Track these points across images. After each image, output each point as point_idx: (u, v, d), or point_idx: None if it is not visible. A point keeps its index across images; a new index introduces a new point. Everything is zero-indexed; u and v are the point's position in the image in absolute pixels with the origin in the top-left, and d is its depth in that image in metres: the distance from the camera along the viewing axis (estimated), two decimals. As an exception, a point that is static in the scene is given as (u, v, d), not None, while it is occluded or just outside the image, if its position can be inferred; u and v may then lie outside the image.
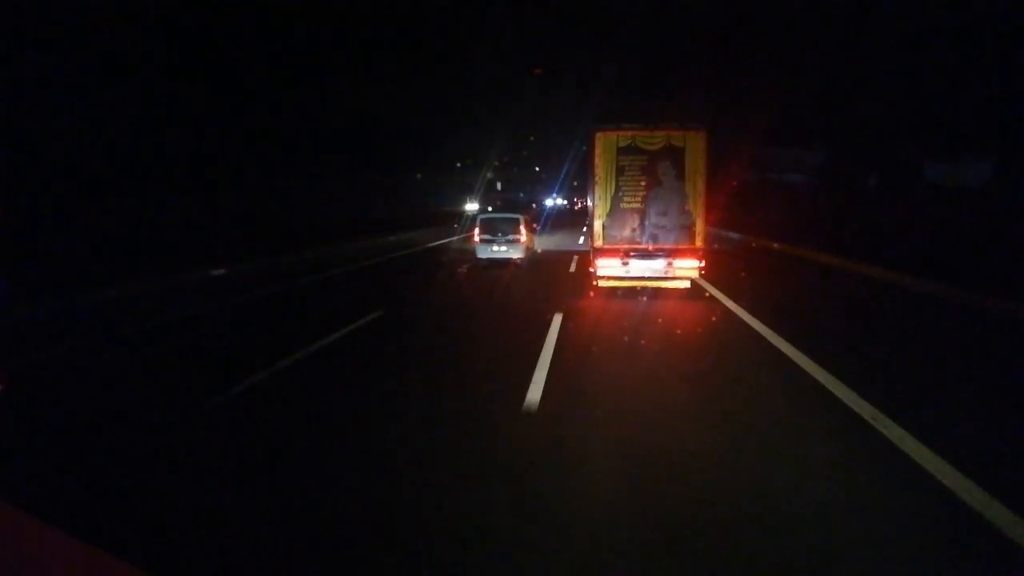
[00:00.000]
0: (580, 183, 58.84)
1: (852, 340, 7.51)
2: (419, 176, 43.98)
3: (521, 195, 61.69)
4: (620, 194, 9.94)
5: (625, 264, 9.99)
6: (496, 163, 59.48)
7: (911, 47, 19.16)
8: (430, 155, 43.62)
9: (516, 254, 16.04)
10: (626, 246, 10.00)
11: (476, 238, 16.47)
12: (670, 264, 9.89)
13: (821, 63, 21.76)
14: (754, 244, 19.24)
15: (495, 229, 16.22)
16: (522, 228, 16.15)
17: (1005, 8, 16.32)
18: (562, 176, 52.19)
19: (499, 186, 61.70)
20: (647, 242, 9.94)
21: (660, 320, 8.81)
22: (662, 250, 9.90)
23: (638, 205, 9.93)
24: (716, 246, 13.68)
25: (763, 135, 24.78)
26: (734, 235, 20.72)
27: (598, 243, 10.13)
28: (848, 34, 20.68)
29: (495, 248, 16.08)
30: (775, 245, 17.19)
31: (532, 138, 54.76)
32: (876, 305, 10.11)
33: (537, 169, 62.04)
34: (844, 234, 15.68)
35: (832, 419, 4.70)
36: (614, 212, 9.99)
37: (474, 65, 42.35)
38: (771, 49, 23.22)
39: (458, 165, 53.40)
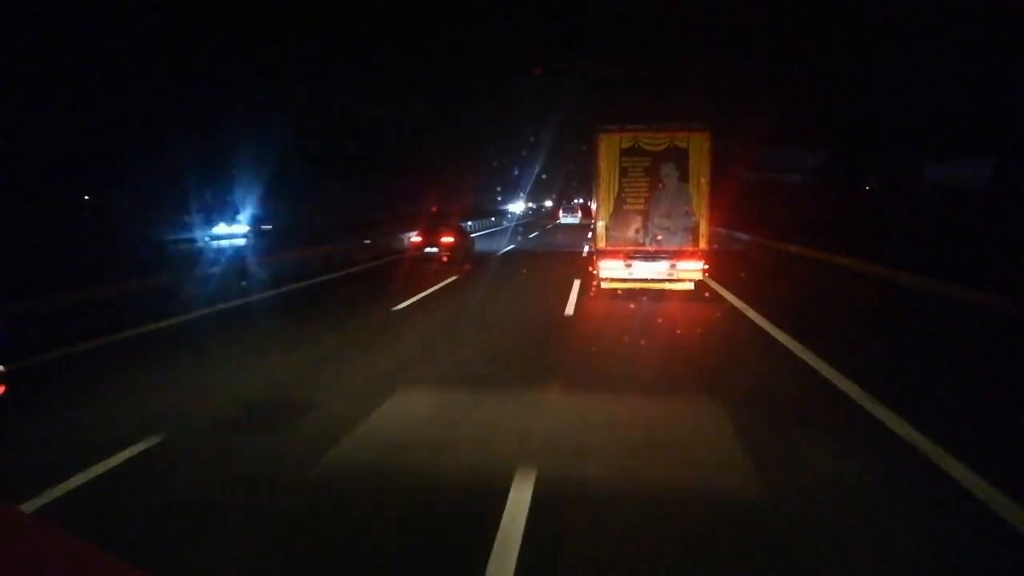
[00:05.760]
0: (579, 184, 59.75)
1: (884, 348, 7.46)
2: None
3: (521, 195, 62.11)
4: (623, 195, 9.87)
5: (628, 266, 9.92)
6: (495, 163, 59.56)
7: (911, 47, 19.15)
8: (429, 157, 43.68)
9: (575, 220, 39.64)
10: (629, 248, 9.92)
11: (560, 213, 44.40)
12: (673, 266, 9.81)
13: (821, 63, 21.75)
14: (755, 245, 19.22)
15: (568, 209, 43.30)
16: (579, 209, 40.97)
17: (1005, 8, 16.33)
18: (535, 176, 56.85)
19: (498, 189, 61.84)
20: (650, 244, 9.87)
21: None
22: (665, 252, 9.83)
23: (641, 207, 9.86)
24: (716, 246, 13.62)
25: (763, 136, 24.79)
26: (742, 236, 20.74)
27: (601, 245, 10.05)
28: (848, 34, 20.67)
29: (567, 219, 41.47)
30: (779, 245, 17.18)
31: (532, 139, 54.90)
32: (900, 310, 10.07)
33: (537, 170, 62.12)
34: (849, 234, 15.64)
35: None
36: (617, 214, 9.93)
37: (473, 66, 42.35)
38: (771, 49, 23.19)
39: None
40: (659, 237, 9.84)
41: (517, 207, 58.74)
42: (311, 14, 28.62)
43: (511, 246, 23.42)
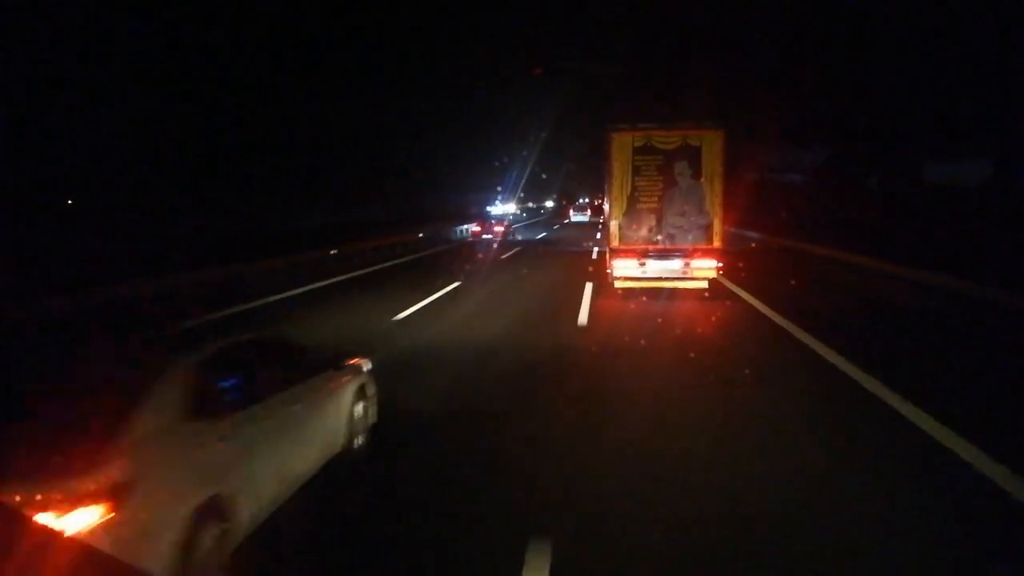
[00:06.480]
0: (579, 183, 60.04)
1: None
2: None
3: (521, 195, 62.40)
4: (636, 194, 9.85)
5: (642, 265, 9.90)
6: (496, 163, 59.57)
7: (911, 47, 19.22)
8: (429, 158, 43.69)
9: (585, 218, 47.08)
10: (643, 246, 9.90)
11: (570, 212, 53.17)
12: (687, 264, 9.80)
13: (822, 63, 21.82)
14: (766, 243, 19.27)
15: (577, 208, 52.95)
16: (588, 208, 49.61)
17: (1005, 8, 16.41)
18: (527, 174, 58.50)
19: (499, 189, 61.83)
20: (664, 242, 9.85)
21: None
22: (679, 250, 9.82)
23: (654, 205, 9.84)
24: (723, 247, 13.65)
25: (763, 135, 24.84)
26: (753, 234, 20.80)
27: (614, 243, 10.03)
28: (848, 34, 20.74)
29: (577, 217, 49.23)
30: (793, 244, 17.28)
31: (532, 139, 55.00)
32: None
33: (538, 170, 62.34)
34: (855, 232, 15.70)
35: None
36: (630, 212, 9.91)
37: (473, 67, 42.44)
38: (771, 49, 23.26)
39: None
40: (673, 235, 9.83)
41: (507, 208, 52.88)
42: (310, 14, 28.58)
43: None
